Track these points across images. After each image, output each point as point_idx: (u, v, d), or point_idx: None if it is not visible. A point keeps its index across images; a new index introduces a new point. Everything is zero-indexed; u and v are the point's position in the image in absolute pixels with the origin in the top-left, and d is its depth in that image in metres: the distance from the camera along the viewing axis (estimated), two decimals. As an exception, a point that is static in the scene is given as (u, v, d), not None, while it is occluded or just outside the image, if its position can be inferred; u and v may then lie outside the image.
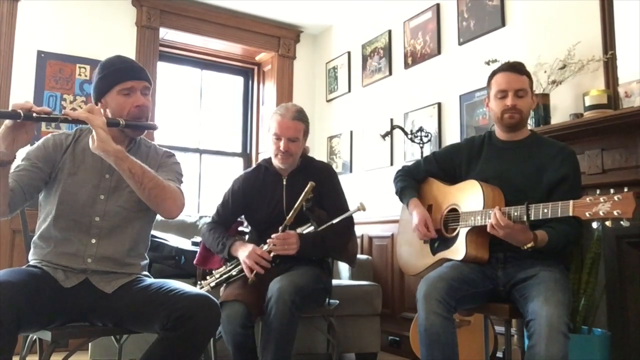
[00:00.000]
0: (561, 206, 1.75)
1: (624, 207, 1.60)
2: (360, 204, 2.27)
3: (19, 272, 1.66)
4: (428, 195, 2.29)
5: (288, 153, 2.39)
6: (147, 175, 1.71)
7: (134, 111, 1.80)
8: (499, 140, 2.19)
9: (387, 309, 3.54)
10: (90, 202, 1.78)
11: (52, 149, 1.82)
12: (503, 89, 2.09)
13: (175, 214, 1.81)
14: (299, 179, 2.35)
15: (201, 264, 2.59)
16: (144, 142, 1.96)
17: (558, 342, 1.66)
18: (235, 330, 2.10)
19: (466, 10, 3.41)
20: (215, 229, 2.48)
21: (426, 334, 1.85)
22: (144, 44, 4.18)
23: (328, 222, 2.29)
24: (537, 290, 1.81)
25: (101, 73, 1.84)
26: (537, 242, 1.87)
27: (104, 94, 1.82)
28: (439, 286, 1.88)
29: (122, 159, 1.67)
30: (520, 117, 2.09)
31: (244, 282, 2.24)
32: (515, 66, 2.14)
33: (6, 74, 3.69)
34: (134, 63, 1.89)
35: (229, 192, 2.54)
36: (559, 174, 2.00)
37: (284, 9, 4.49)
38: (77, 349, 1.79)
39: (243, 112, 4.99)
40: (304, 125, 2.44)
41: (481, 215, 1.97)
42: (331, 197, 2.46)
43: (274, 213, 2.41)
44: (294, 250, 2.26)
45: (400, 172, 2.40)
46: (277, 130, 2.39)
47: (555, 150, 2.07)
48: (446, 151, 2.35)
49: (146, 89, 1.85)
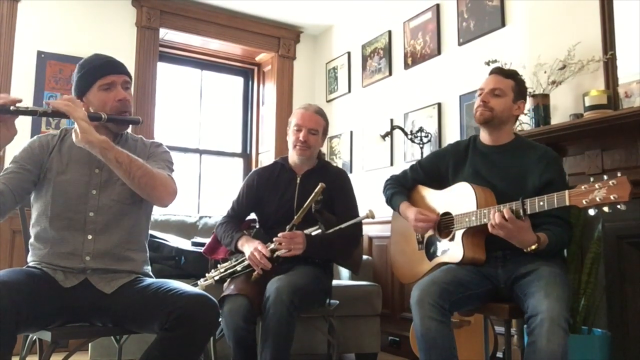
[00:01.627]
0: (557, 197, 1.74)
1: (620, 191, 1.61)
2: (370, 211, 2.26)
3: (19, 272, 1.66)
4: (419, 202, 2.29)
5: (307, 144, 2.45)
6: (134, 163, 1.70)
7: (116, 105, 1.80)
8: (482, 145, 2.20)
9: (387, 309, 3.54)
10: (82, 198, 1.78)
11: (38, 150, 1.82)
12: (481, 87, 2.17)
13: (168, 201, 1.81)
14: (313, 180, 2.36)
15: (209, 253, 2.65)
16: (130, 137, 1.95)
17: (558, 337, 1.66)
18: (238, 324, 2.10)
19: (466, 10, 3.41)
20: (228, 223, 2.54)
21: (423, 339, 1.85)
22: (144, 45, 4.18)
23: (336, 226, 2.30)
24: (536, 286, 1.81)
25: (80, 72, 1.83)
26: (541, 243, 1.87)
27: (85, 92, 1.81)
28: (432, 290, 1.88)
29: (108, 148, 1.66)
30: (491, 115, 2.10)
31: (248, 277, 2.26)
32: (502, 70, 2.20)
33: (6, 74, 3.69)
34: (112, 58, 1.88)
35: (244, 187, 2.60)
36: (543, 178, 2.00)
37: (284, 9, 4.49)
38: (77, 349, 1.79)
39: (243, 113, 4.99)
40: (324, 122, 2.54)
41: (476, 216, 1.97)
42: (343, 202, 2.48)
43: (283, 210, 2.43)
44: (299, 250, 2.26)
45: (389, 181, 2.42)
46: (298, 120, 2.48)
47: (539, 154, 2.07)
48: (431, 158, 2.35)
49: (127, 83, 1.85)
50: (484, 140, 2.20)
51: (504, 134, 2.16)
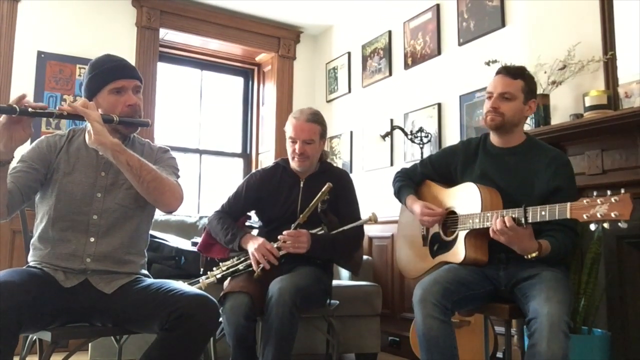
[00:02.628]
0: (559, 208, 1.74)
1: (621, 209, 1.59)
2: (372, 214, 2.28)
3: (20, 272, 1.66)
4: (426, 197, 2.29)
5: (304, 155, 2.41)
6: (145, 168, 1.70)
7: (126, 110, 1.79)
8: (492, 146, 2.17)
9: (387, 309, 3.54)
10: (87, 200, 1.78)
11: (46, 150, 1.81)
12: (489, 90, 2.10)
13: (174, 207, 1.80)
14: (317, 183, 2.35)
15: (204, 251, 2.58)
16: (137, 140, 1.95)
17: (559, 340, 1.66)
18: (239, 321, 2.09)
19: (466, 10, 3.42)
20: (225, 219, 2.47)
21: (424, 338, 1.84)
22: (144, 45, 4.18)
23: (339, 228, 2.30)
24: (538, 289, 1.81)
25: (91, 73, 1.83)
26: (542, 251, 1.86)
27: (95, 94, 1.80)
28: (434, 289, 1.88)
29: (120, 151, 1.66)
30: (502, 120, 2.05)
31: (249, 276, 2.25)
32: (510, 70, 2.10)
33: (6, 75, 3.69)
34: (124, 62, 1.87)
35: (244, 185, 2.55)
36: (551, 185, 1.98)
37: (284, 9, 4.49)
38: (77, 349, 1.79)
39: (243, 113, 4.99)
40: (320, 127, 2.45)
41: (479, 218, 1.97)
42: (345, 204, 2.48)
43: (287, 213, 2.42)
44: (304, 249, 2.26)
45: (399, 173, 2.41)
46: (292, 133, 2.42)
47: (549, 159, 2.04)
48: (442, 155, 2.34)
49: (137, 87, 1.85)
50: (494, 141, 2.17)
51: (515, 136, 2.13)
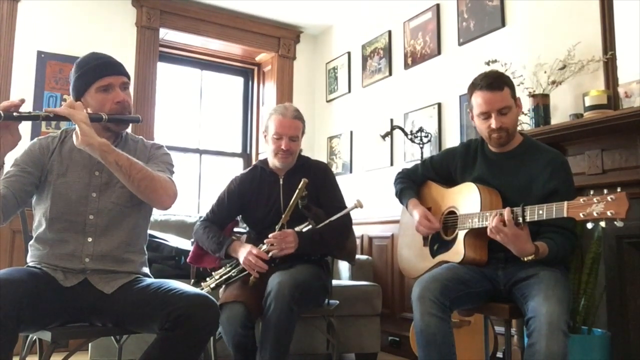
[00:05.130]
0: (556, 207, 1.74)
1: (617, 208, 1.60)
2: (358, 201, 2.28)
3: (20, 272, 1.66)
4: (427, 197, 2.29)
5: (289, 152, 2.42)
6: (134, 166, 1.70)
7: (115, 107, 1.78)
8: (490, 151, 2.16)
9: (387, 309, 3.54)
10: (82, 200, 1.78)
11: (38, 152, 1.81)
12: (485, 110, 2.02)
13: (168, 205, 1.79)
14: (296, 178, 2.35)
15: (195, 262, 2.57)
16: (131, 137, 1.94)
17: (558, 339, 1.66)
18: (236, 331, 2.10)
19: (466, 10, 3.41)
20: (210, 228, 2.47)
21: (422, 335, 1.85)
22: (144, 45, 4.18)
23: (326, 219, 2.30)
24: (537, 289, 1.81)
25: (77, 72, 1.82)
26: (539, 254, 1.86)
27: (82, 93, 1.80)
28: (433, 287, 1.88)
29: (108, 151, 1.65)
30: (507, 134, 2.04)
31: (243, 283, 2.25)
32: (493, 83, 2.01)
33: (6, 75, 3.69)
34: (110, 59, 1.86)
35: (225, 192, 2.55)
36: (548, 187, 1.97)
37: (284, 9, 4.49)
38: (77, 349, 1.79)
39: (243, 113, 4.99)
40: (303, 124, 2.49)
41: (478, 218, 1.97)
42: (328, 195, 2.47)
43: (271, 213, 2.41)
44: (292, 248, 2.26)
45: (400, 174, 2.41)
46: (278, 129, 2.41)
47: (546, 160, 2.03)
48: (442, 157, 2.34)
49: (125, 84, 1.83)
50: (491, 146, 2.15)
51: (513, 140, 2.11)
